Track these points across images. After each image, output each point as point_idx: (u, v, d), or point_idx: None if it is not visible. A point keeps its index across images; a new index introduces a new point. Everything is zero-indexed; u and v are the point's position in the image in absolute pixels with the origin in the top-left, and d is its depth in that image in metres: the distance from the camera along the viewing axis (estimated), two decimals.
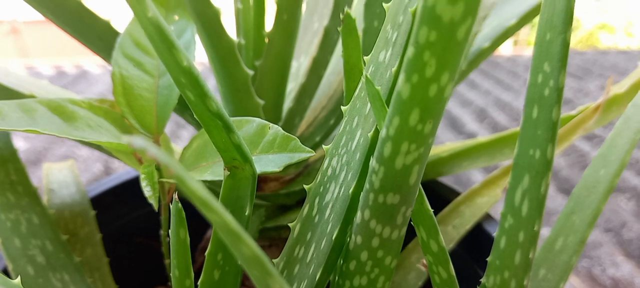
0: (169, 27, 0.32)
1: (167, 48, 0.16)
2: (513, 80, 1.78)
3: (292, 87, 0.37)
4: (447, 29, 0.15)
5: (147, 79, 0.28)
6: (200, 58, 0.39)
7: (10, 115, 0.26)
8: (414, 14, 0.19)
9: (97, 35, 0.31)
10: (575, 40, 3.55)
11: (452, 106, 1.55)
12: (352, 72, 0.26)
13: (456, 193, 0.36)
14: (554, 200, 1.05)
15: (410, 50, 0.15)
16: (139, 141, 0.11)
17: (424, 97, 0.16)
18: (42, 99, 0.27)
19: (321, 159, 0.38)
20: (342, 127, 0.23)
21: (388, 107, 0.17)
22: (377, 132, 0.20)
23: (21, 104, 0.26)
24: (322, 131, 0.36)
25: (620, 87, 0.39)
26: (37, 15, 0.31)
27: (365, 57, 0.23)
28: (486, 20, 0.39)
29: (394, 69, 0.19)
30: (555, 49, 0.23)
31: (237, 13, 0.35)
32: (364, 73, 0.22)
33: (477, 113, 1.73)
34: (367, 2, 0.29)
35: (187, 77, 0.17)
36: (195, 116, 0.20)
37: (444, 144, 0.39)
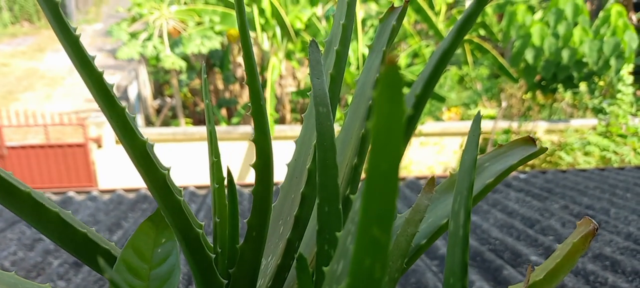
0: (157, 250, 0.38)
1: None
2: (481, 202, 1.86)
3: (261, 284, 0.43)
4: None
5: None
6: None
7: None
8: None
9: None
10: (538, 160, 3.80)
11: None
12: None
13: None
14: None
15: None
16: None
17: None
18: None
19: None
20: None
21: None
22: None
23: None
24: None
25: (541, 272, 0.47)
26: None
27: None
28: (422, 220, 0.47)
29: None
30: None
31: (215, 226, 0.42)
32: None
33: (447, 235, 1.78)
34: (318, 230, 0.36)
35: None
36: None
37: None
